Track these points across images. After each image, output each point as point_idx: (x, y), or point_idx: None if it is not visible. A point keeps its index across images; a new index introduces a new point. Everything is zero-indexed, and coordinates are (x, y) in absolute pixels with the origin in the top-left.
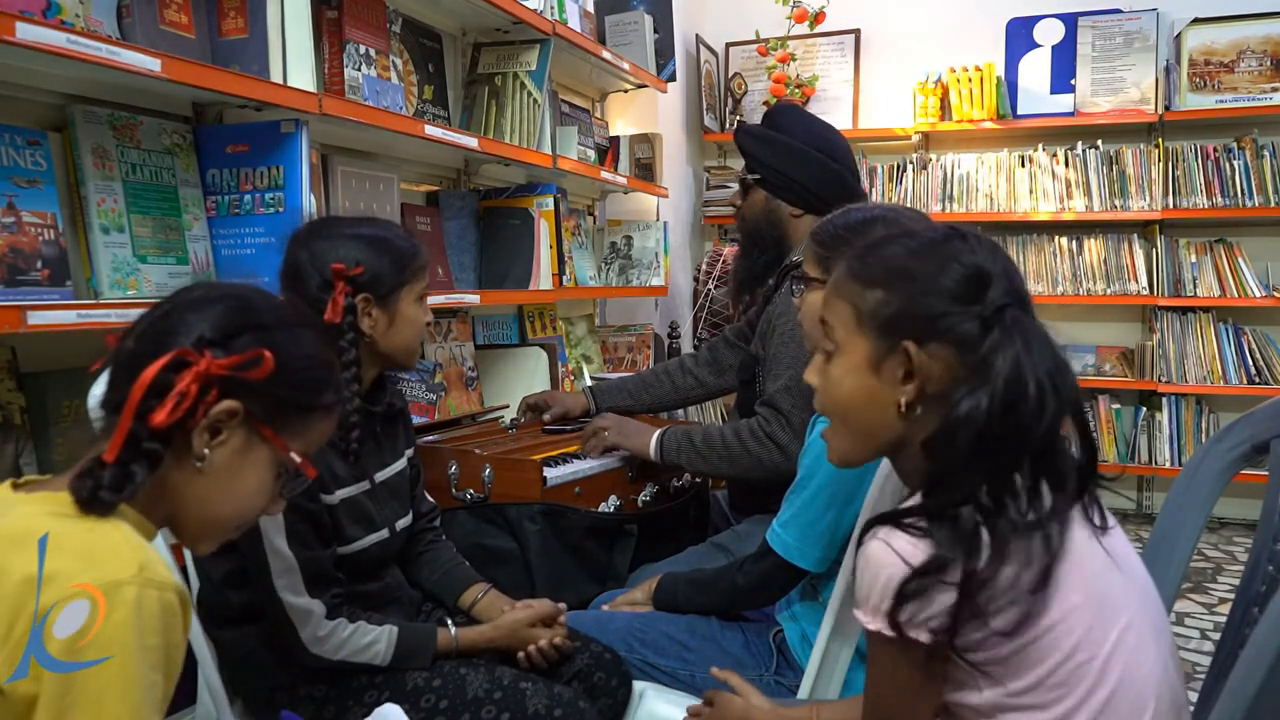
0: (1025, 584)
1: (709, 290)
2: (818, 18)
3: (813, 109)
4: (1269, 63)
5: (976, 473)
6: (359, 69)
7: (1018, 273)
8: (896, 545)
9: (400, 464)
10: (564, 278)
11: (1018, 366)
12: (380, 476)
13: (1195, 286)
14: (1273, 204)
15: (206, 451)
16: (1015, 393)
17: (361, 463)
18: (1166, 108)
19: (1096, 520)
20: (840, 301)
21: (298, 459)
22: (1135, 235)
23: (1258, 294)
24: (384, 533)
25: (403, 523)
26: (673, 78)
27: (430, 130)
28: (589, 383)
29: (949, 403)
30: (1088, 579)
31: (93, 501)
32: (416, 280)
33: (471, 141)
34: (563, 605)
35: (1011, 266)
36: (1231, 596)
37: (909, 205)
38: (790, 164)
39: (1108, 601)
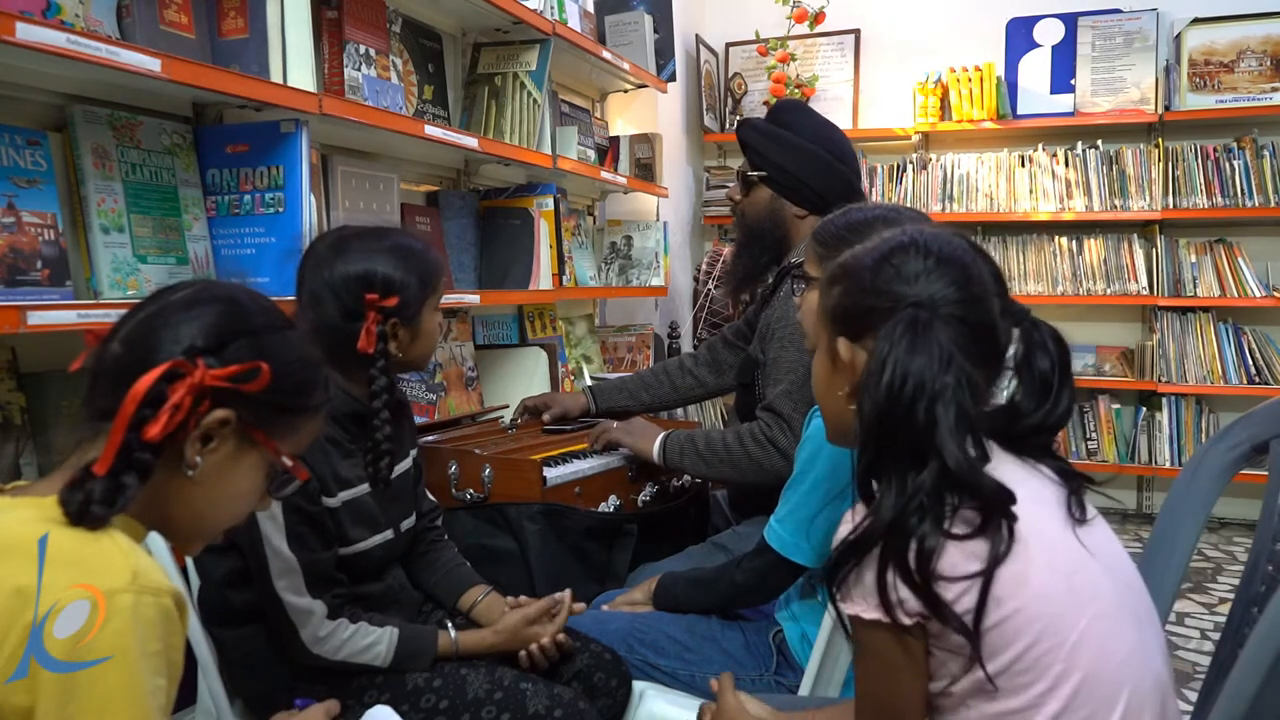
0: (968, 569)
1: (709, 290)
2: (818, 18)
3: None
4: (1269, 63)
5: (881, 456)
6: (359, 69)
7: (968, 272)
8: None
9: (406, 464)
10: (564, 278)
11: (885, 359)
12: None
13: (1195, 286)
14: (1273, 204)
15: (198, 460)
16: (877, 383)
17: (365, 465)
18: (1166, 108)
19: (1076, 513)
20: (819, 300)
21: (289, 461)
22: (1135, 235)
23: (1258, 294)
24: (389, 533)
25: (407, 523)
26: (673, 78)
27: (430, 130)
28: (589, 383)
29: None
30: (1054, 568)
31: (84, 515)
32: (436, 292)
33: (471, 141)
34: (559, 595)
35: (965, 275)
36: (1231, 596)
37: (909, 205)
38: (799, 164)
39: (1077, 590)
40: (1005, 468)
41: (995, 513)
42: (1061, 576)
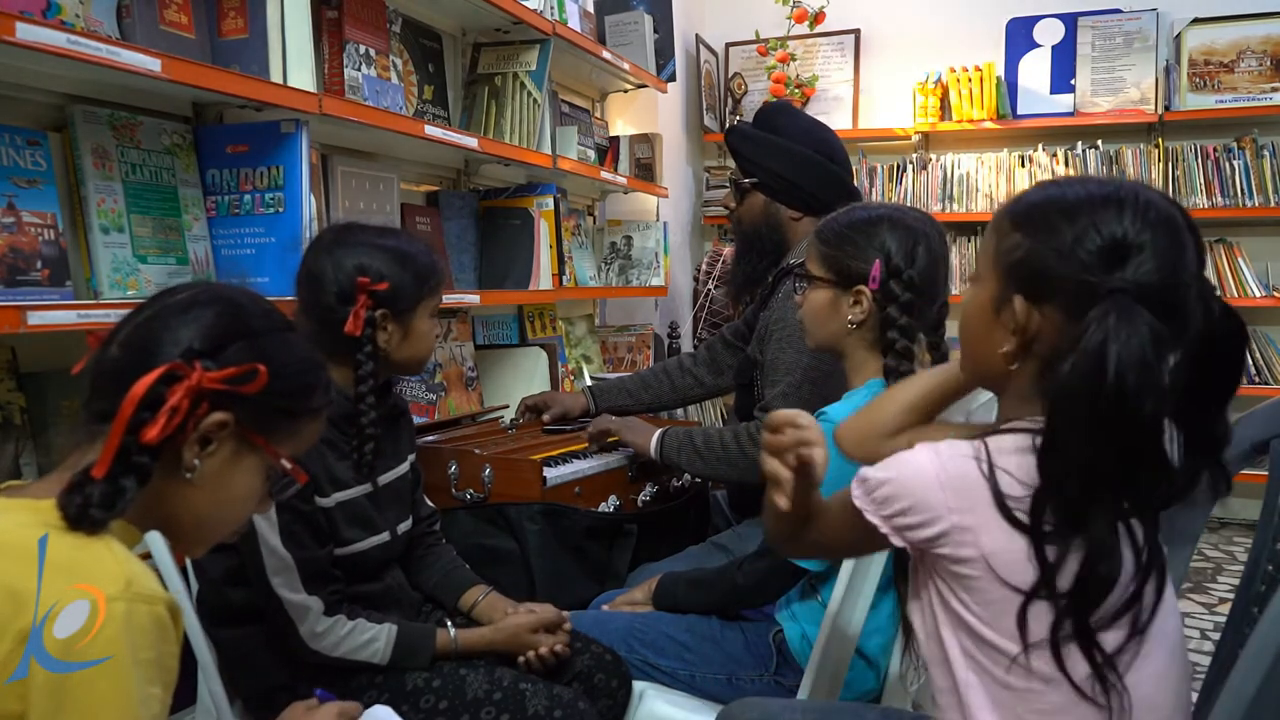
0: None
1: (709, 290)
2: (818, 18)
3: (813, 109)
4: (1269, 63)
5: (1077, 446)
6: (359, 69)
7: (1181, 256)
8: (941, 450)
9: (403, 468)
10: (564, 278)
11: (1101, 351)
12: (384, 480)
13: None
14: (1273, 204)
15: (196, 463)
16: (1091, 376)
17: (350, 451)
18: (1166, 108)
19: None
20: (992, 234)
21: (288, 464)
22: None
23: (1258, 294)
24: (385, 536)
25: (404, 527)
26: (673, 78)
27: (430, 130)
28: (589, 383)
29: (1047, 365)
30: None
31: (82, 519)
32: (433, 296)
33: (471, 141)
34: (566, 614)
35: (1175, 249)
36: (1231, 596)
37: (909, 205)
38: (790, 167)
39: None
40: None
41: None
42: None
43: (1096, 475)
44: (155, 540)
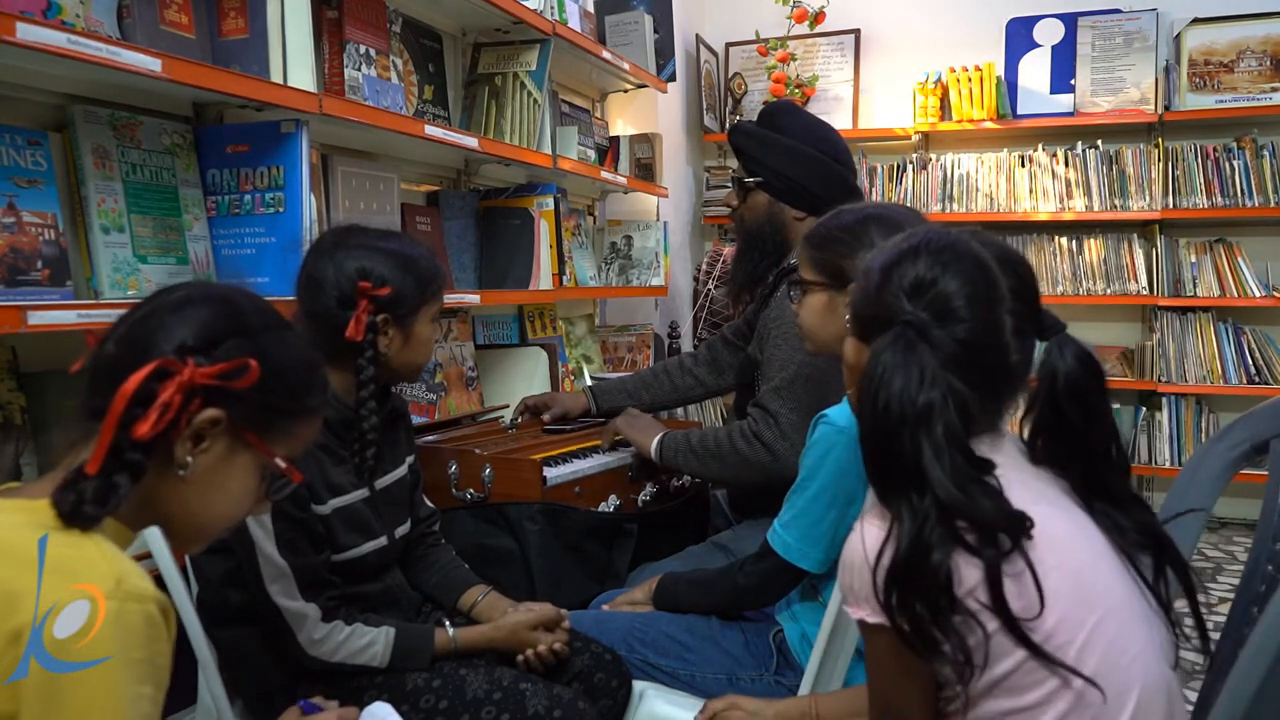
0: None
1: (709, 290)
2: (818, 18)
3: (813, 109)
4: (1269, 63)
5: (881, 477)
6: (359, 69)
7: (980, 299)
8: (867, 534)
9: (401, 471)
10: (564, 278)
11: (871, 374)
12: (381, 484)
13: (1195, 286)
14: (1273, 204)
15: (189, 460)
16: (860, 399)
17: (351, 455)
18: (1166, 108)
19: (1079, 500)
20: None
21: (282, 464)
22: (1135, 235)
23: (1258, 294)
24: (383, 540)
25: (402, 530)
26: (673, 78)
27: (430, 130)
28: (589, 383)
29: None
30: (1062, 568)
31: (75, 515)
32: (435, 300)
33: (471, 141)
34: (565, 611)
35: (971, 290)
36: (1231, 596)
37: (909, 205)
38: (793, 167)
39: (1086, 589)
40: (1012, 471)
41: (1004, 535)
42: (1069, 574)
43: (886, 483)
44: (155, 540)
